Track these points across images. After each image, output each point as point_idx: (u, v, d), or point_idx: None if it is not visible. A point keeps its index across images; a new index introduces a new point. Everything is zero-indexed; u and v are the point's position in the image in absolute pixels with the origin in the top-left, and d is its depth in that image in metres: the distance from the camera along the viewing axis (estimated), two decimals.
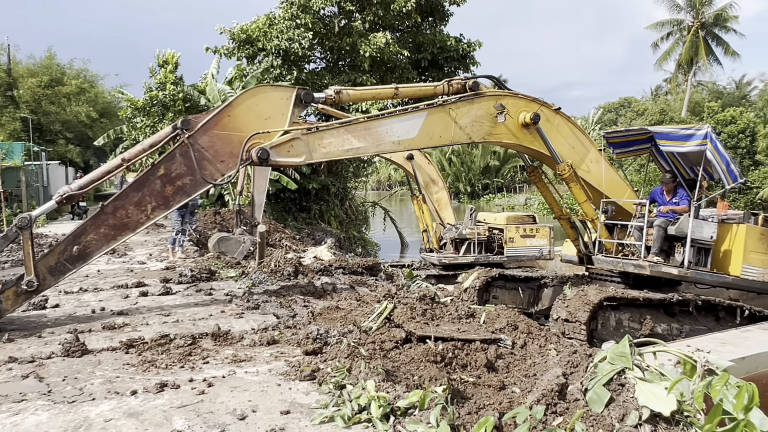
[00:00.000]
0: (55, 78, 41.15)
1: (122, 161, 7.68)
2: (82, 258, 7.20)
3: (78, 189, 7.42)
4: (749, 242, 10.43)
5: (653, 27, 59.29)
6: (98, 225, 7.28)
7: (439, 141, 9.55)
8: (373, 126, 8.78)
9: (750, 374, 7.73)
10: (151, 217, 7.55)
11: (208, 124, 7.80)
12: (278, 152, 7.97)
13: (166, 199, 7.56)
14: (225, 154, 7.89)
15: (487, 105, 9.86)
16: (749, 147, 43.62)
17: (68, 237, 7.18)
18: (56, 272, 7.09)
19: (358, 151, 8.84)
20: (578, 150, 11.03)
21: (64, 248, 7.10)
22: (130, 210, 7.38)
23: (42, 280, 6.95)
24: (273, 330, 6.81)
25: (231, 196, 21.61)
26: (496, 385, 4.80)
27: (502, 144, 10.53)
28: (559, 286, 12.26)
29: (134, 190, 7.42)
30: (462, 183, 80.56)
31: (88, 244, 7.19)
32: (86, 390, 4.80)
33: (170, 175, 7.52)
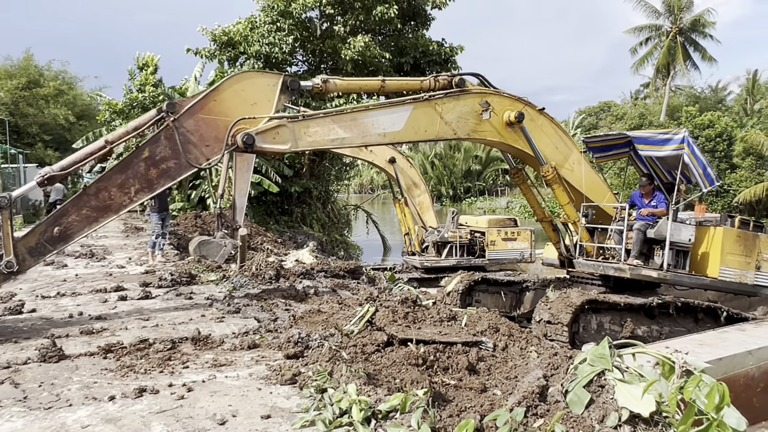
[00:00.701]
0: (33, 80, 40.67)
1: (105, 143, 7.56)
2: (63, 239, 7.11)
3: (60, 170, 7.27)
4: (726, 244, 10.57)
5: (632, 32, 59.98)
6: (80, 206, 7.20)
7: (424, 135, 9.59)
8: (360, 117, 8.82)
9: (727, 374, 7.83)
10: (135, 200, 7.50)
11: (193, 107, 7.78)
12: (264, 138, 7.95)
13: (150, 182, 7.52)
14: (210, 139, 7.88)
15: (473, 102, 9.93)
16: (726, 150, 44.27)
17: (49, 218, 7.10)
18: (36, 253, 6.98)
19: (343, 142, 8.82)
20: (561, 150, 11.13)
21: (45, 229, 7.01)
22: (113, 192, 7.32)
23: (21, 261, 6.84)
24: (254, 334, 6.77)
25: (212, 199, 21.47)
26: (477, 388, 4.80)
27: (487, 142, 10.59)
28: (541, 289, 12.33)
29: (118, 172, 7.36)
30: (444, 186, 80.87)
31: (70, 226, 7.11)
32: (63, 396, 4.73)
33: (155, 158, 7.48)
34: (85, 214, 7.21)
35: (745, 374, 8.23)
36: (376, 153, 17.27)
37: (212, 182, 21.78)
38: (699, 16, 56.77)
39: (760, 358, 8.45)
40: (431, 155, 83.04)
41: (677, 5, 56.50)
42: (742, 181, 42.40)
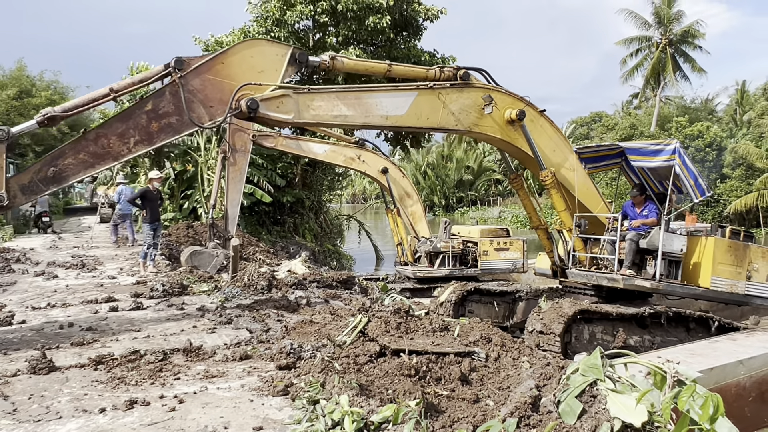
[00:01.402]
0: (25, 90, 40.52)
1: (110, 90, 7.47)
2: (57, 181, 7.10)
3: (62, 111, 7.17)
4: (717, 254, 10.62)
5: (622, 43, 60.45)
6: (78, 150, 7.18)
7: (426, 123, 9.65)
8: (364, 96, 8.92)
9: (718, 384, 7.85)
10: (133, 151, 7.48)
11: (201, 67, 7.80)
12: (268, 106, 7.96)
13: (150, 135, 7.52)
14: (214, 100, 7.92)
15: (476, 95, 10.06)
16: (716, 161, 44.61)
17: (46, 158, 7.08)
18: (28, 191, 6.99)
19: (345, 119, 8.86)
20: (558, 154, 11.21)
21: (40, 168, 7.01)
22: (113, 140, 7.30)
23: (12, 197, 6.84)
24: (246, 345, 6.75)
25: (204, 209, 21.41)
26: (470, 398, 4.79)
27: (487, 137, 10.63)
28: (533, 299, 12.33)
29: (119, 121, 7.36)
30: (437, 196, 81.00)
31: (65, 168, 7.09)
32: (53, 408, 4.69)
33: (157, 112, 7.50)
34: (81, 158, 7.19)
35: (736, 384, 8.24)
36: (369, 163, 17.29)
37: (204, 192, 21.73)
38: (689, 27, 57.30)
39: (751, 367, 8.47)
40: (423, 165, 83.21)
41: (667, 17, 57.02)
42: (733, 190, 42.71)
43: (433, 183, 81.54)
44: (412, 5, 25.42)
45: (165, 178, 22.12)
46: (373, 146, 17.72)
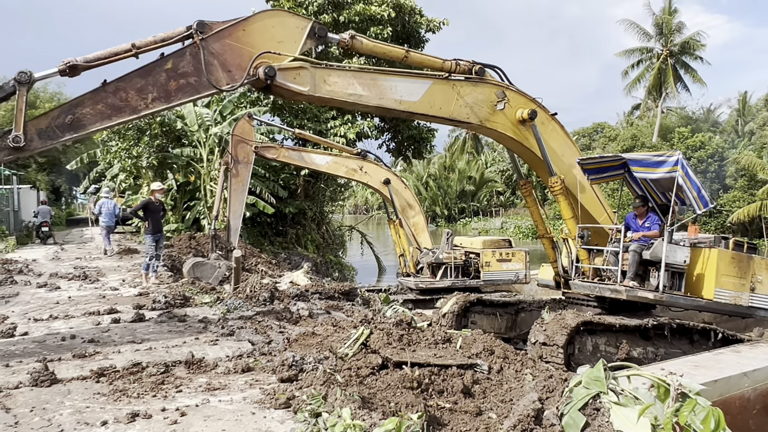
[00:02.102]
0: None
1: (132, 46, 7.46)
2: (74, 129, 7.13)
3: (84, 61, 7.14)
4: (721, 266, 10.58)
5: (623, 54, 60.61)
6: (96, 101, 7.22)
7: (438, 112, 9.77)
8: (380, 78, 9.12)
9: (722, 397, 7.79)
10: (150, 107, 7.52)
11: (222, 32, 7.86)
12: (284, 76, 8.13)
13: (168, 93, 7.58)
14: (233, 65, 7.97)
15: (490, 91, 10.20)
16: (718, 171, 44.59)
17: (64, 105, 7.14)
18: (45, 136, 7.02)
19: (360, 99, 8.99)
20: (567, 159, 11.26)
21: (58, 114, 7.07)
22: (131, 94, 7.35)
23: (29, 140, 6.86)
24: (248, 357, 6.73)
25: (207, 220, 21.44)
26: (472, 411, 4.78)
27: (497, 135, 10.68)
28: (536, 310, 12.29)
29: (139, 76, 7.40)
30: (439, 207, 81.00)
31: (83, 117, 7.14)
32: (55, 421, 4.68)
33: (177, 71, 7.56)
34: (99, 108, 7.24)
35: (740, 396, 8.19)
36: (371, 174, 17.31)
37: (207, 203, 21.76)
38: (689, 38, 57.48)
39: (755, 379, 8.42)
40: (425, 176, 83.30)
41: (668, 28, 57.22)
42: (735, 201, 42.65)
43: (435, 194, 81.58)
44: (414, 17, 25.55)
45: (167, 190, 22.18)
46: (375, 157, 17.75)
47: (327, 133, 23.81)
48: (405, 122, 28.43)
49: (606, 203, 12.02)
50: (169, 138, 22.85)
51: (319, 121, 24.34)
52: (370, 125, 25.66)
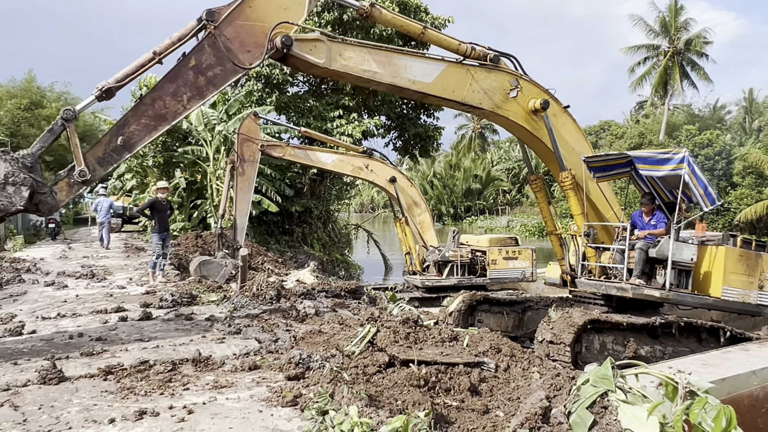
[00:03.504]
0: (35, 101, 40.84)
1: (153, 54, 7.60)
2: (127, 148, 7.45)
3: (115, 82, 7.34)
4: (729, 264, 10.54)
5: (629, 51, 60.34)
6: (139, 116, 7.50)
7: (451, 95, 9.89)
8: (395, 57, 9.27)
9: (731, 395, 7.77)
10: (188, 107, 7.76)
11: (231, 14, 7.94)
12: (301, 47, 8.34)
13: (199, 89, 7.77)
14: (251, 44, 8.08)
15: (503, 78, 10.34)
16: (725, 169, 44.36)
17: (113, 129, 7.42)
18: (104, 162, 7.35)
19: (374, 76, 9.12)
20: (578, 153, 11.31)
21: (110, 140, 7.36)
22: (168, 101, 7.60)
23: (92, 170, 7.21)
24: (255, 355, 6.74)
25: (213, 219, 21.49)
26: (479, 409, 4.77)
27: (509, 123, 10.78)
28: (543, 309, 12.28)
29: (169, 82, 7.61)
30: (444, 205, 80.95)
31: (132, 135, 7.45)
32: (63, 419, 4.70)
33: (201, 66, 7.73)
34: (144, 123, 7.52)
35: (749, 395, 8.16)
36: (377, 173, 17.31)
37: (213, 202, 21.81)
38: (696, 36, 57.20)
39: (764, 378, 8.38)
40: (431, 174, 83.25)
41: (674, 25, 56.95)
42: (743, 199, 42.42)
43: (441, 192, 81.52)
44: (419, 15, 25.52)
45: (175, 188, 22.24)
46: (381, 155, 17.75)
47: (333, 131, 23.82)
48: (411, 120, 28.42)
49: (615, 200, 12.02)
50: (175, 137, 22.91)
51: (325, 120, 24.37)
52: (376, 123, 25.66)
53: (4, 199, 6.45)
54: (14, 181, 6.50)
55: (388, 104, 27.02)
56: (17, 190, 6.52)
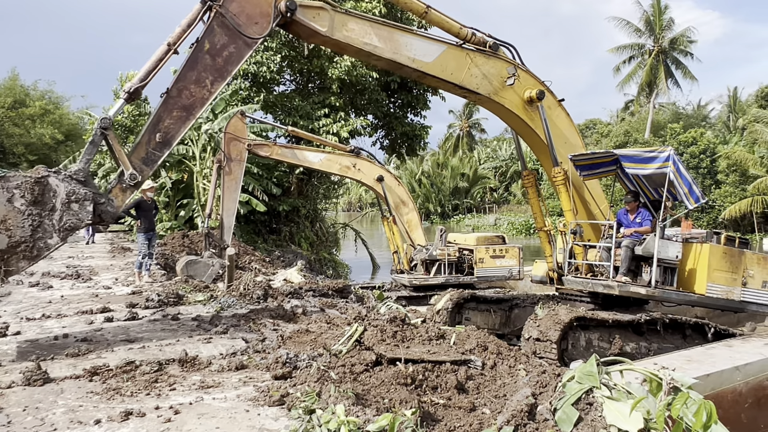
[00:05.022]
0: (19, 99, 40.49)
1: (168, 45, 7.67)
2: (167, 143, 7.61)
3: (139, 82, 7.45)
4: (713, 261, 10.65)
5: (615, 50, 60.80)
6: (170, 109, 7.61)
7: (450, 77, 10.04)
8: (397, 34, 9.43)
9: (715, 390, 7.85)
10: (213, 91, 7.85)
11: None
12: (304, 13, 8.45)
13: (219, 70, 7.86)
14: (257, 15, 8.14)
15: (501, 66, 10.51)
16: (710, 167, 44.79)
17: (148, 128, 7.50)
18: (149, 162, 7.52)
19: (374, 50, 9.23)
20: (569, 146, 11.46)
21: (148, 138, 7.49)
22: (192, 88, 7.70)
23: (140, 171, 7.40)
24: (242, 355, 6.73)
25: (200, 218, 21.40)
26: (466, 407, 4.79)
27: (505, 111, 10.89)
28: (530, 306, 12.33)
29: (189, 69, 7.69)
30: (432, 204, 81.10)
31: (168, 129, 7.58)
32: (48, 420, 4.67)
33: (216, 47, 7.80)
34: (176, 115, 7.64)
35: (732, 390, 8.25)
36: (364, 172, 17.32)
37: (200, 202, 21.71)
38: (680, 35, 57.70)
39: (747, 373, 8.48)
40: (419, 173, 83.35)
41: (659, 24, 57.40)
42: (727, 196, 42.87)
43: (429, 191, 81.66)
44: (406, 13, 25.54)
45: (159, 187, 22.12)
46: (369, 154, 17.76)
47: (320, 130, 23.79)
48: (398, 119, 28.43)
49: (603, 198, 12.14)
50: None
51: (312, 119, 24.33)
52: (363, 123, 25.66)
53: (72, 217, 6.70)
54: (77, 198, 6.72)
55: (374, 103, 27.03)
56: (81, 206, 6.76)
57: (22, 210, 6.39)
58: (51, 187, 6.58)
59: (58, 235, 6.62)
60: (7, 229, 6.34)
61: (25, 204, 6.41)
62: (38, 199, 6.48)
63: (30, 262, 6.58)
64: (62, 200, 6.62)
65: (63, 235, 6.66)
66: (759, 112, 48.24)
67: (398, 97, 28.28)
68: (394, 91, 27.60)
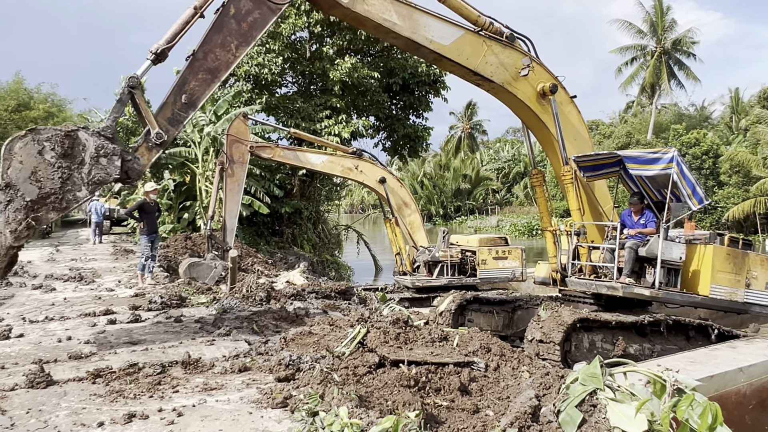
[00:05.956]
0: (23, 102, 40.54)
1: (194, 9, 7.72)
2: (192, 105, 7.70)
3: (166, 43, 7.45)
4: (716, 262, 10.61)
5: (617, 51, 60.75)
6: (195, 71, 7.70)
7: (465, 62, 10.13)
8: (416, 14, 9.55)
9: (718, 392, 7.82)
10: (237, 55, 7.96)
11: None
12: None
13: (244, 35, 7.97)
14: None
15: (517, 57, 10.61)
16: (713, 168, 44.70)
17: (174, 89, 7.57)
18: (175, 122, 7.63)
19: (393, 26, 9.36)
20: (578, 144, 11.48)
21: (174, 99, 7.57)
22: (218, 52, 7.80)
23: (166, 131, 7.48)
24: (245, 357, 6.72)
25: (202, 220, 21.42)
26: (469, 409, 4.78)
27: (517, 102, 10.94)
28: (533, 308, 12.30)
29: (215, 33, 7.79)
30: (434, 206, 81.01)
31: (194, 91, 7.68)
32: (51, 422, 4.67)
33: (241, 12, 7.91)
34: (201, 77, 7.73)
35: (736, 392, 8.22)
36: (367, 173, 17.30)
37: (202, 204, 21.73)
38: (683, 36, 57.64)
39: (751, 375, 8.45)
40: (421, 175, 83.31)
41: (661, 25, 57.36)
42: (730, 197, 42.78)
43: (431, 192, 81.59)
44: None
45: (163, 189, 22.14)
46: (371, 156, 17.75)
47: (321, 132, 23.80)
48: (400, 121, 28.43)
49: (609, 198, 12.14)
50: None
51: (314, 121, 24.34)
52: (365, 124, 25.67)
53: (101, 171, 6.78)
54: (105, 152, 6.81)
55: (376, 105, 27.04)
56: (109, 160, 6.84)
57: (52, 162, 6.50)
58: (80, 141, 6.68)
59: (87, 188, 6.72)
60: (38, 181, 6.45)
61: (55, 156, 6.51)
62: (68, 152, 6.58)
63: (58, 213, 6.70)
64: (91, 154, 6.71)
65: (91, 189, 6.76)
66: (762, 112, 48.13)
67: (400, 99, 28.28)
68: (396, 92, 27.62)
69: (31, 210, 6.43)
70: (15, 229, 6.37)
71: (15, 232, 6.38)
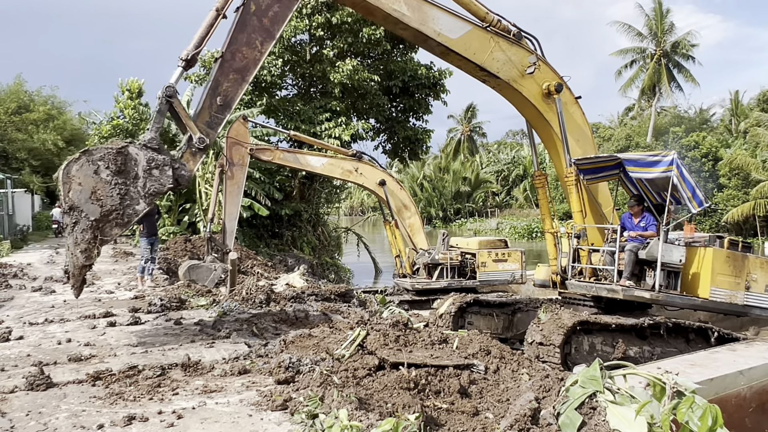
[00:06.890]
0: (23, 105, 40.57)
1: (216, 11, 7.82)
2: (227, 106, 7.85)
3: (194, 48, 7.58)
4: (716, 265, 10.61)
5: (617, 54, 60.81)
6: (226, 73, 7.83)
7: (472, 57, 10.22)
8: (426, 6, 9.65)
9: (718, 395, 7.81)
10: (263, 51, 8.09)
11: None
12: None
13: (267, 30, 8.09)
14: None
15: (524, 54, 10.69)
16: (712, 171, 44.71)
17: (208, 92, 7.73)
18: (213, 125, 7.80)
19: (402, 17, 9.45)
20: (581, 145, 11.54)
21: (210, 103, 7.71)
22: (244, 50, 7.92)
23: (207, 135, 7.66)
24: (244, 359, 6.72)
25: (202, 222, 21.42)
26: (469, 411, 4.78)
27: (522, 99, 11.00)
28: (533, 310, 12.31)
29: (239, 32, 7.92)
30: (434, 208, 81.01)
31: (227, 92, 7.83)
32: (51, 425, 4.67)
33: (262, 7, 8.02)
34: (232, 78, 7.87)
35: (736, 395, 8.22)
36: (366, 176, 17.31)
37: (202, 206, 21.73)
38: (682, 38, 57.69)
39: (751, 378, 8.44)
40: (420, 177, 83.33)
41: (660, 28, 57.42)
42: (729, 200, 42.78)
43: (431, 195, 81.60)
44: None
45: None
46: (371, 158, 17.76)
47: (321, 134, 23.82)
48: (400, 123, 28.47)
49: (610, 201, 12.15)
50: (162, 140, 22.81)
51: (314, 123, 24.36)
52: (365, 127, 25.70)
53: (155, 182, 6.98)
54: (156, 164, 7.00)
55: (376, 108, 27.08)
56: (162, 171, 7.04)
57: (108, 180, 6.66)
58: (131, 156, 6.83)
59: (144, 200, 6.89)
60: (98, 200, 6.62)
61: (111, 174, 6.68)
62: (122, 168, 6.74)
63: (122, 228, 6.90)
64: (143, 167, 6.89)
65: (149, 201, 6.94)
66: (761, 115, 48.15)
67: (400, 102, 28.32)
68: (396, 95, 27.65)
69: (96, 228, 6.62)
70: (85, 249, 6.54)
71: (85, 252, 6.56)
